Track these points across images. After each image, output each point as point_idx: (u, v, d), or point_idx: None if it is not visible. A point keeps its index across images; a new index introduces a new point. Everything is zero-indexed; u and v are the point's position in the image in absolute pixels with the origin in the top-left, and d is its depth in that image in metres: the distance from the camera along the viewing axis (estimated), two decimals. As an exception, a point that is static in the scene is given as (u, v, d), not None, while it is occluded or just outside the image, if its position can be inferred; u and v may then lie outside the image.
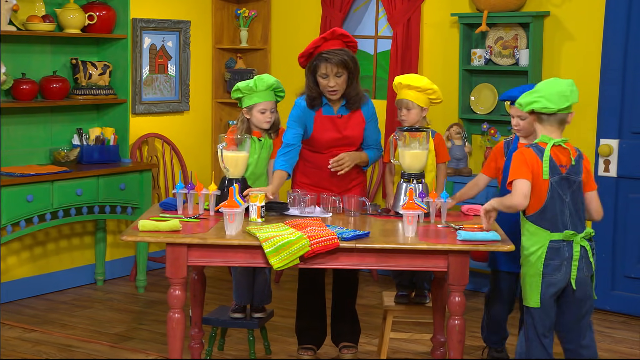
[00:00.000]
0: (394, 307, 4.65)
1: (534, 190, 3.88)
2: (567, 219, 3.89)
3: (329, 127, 4.64)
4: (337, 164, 4.61)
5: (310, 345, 4.85)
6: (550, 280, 3.90)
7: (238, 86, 4.66)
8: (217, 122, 7.23)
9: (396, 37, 6.47)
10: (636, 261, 5.75)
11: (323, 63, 4.51)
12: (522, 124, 4.45)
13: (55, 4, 6.06)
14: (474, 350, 5.10)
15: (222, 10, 7.20)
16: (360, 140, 4.73)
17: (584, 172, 3.95)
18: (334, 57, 4.50)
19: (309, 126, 4.65)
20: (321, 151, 4.69)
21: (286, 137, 4.60)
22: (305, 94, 4.66)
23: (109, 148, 6.14)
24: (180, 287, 3.96)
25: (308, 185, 4.67)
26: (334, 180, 4.68)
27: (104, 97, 6.18)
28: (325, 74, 4.52)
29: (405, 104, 4.62)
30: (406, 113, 4.61)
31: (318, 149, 4.69)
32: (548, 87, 3.94)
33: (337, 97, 4.61)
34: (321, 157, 4.69)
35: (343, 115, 4.65)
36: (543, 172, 3.87)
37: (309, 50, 4.58)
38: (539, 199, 3.89)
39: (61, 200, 5.71)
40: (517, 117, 4.46)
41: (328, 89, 4.56)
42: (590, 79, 5.86)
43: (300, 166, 4.72)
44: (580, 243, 3.89)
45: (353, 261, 3.94)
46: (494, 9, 6.02)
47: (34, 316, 5.64)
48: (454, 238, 3.96)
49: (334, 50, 4.52)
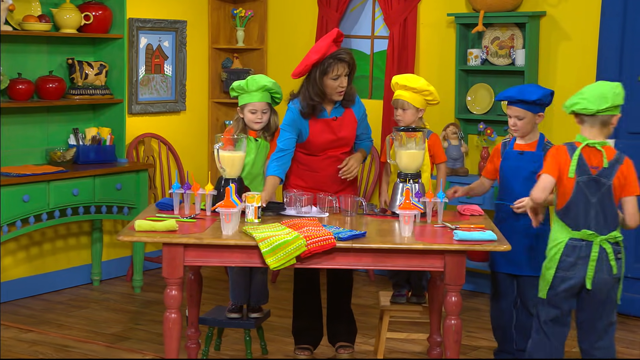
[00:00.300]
0: (390, 307, 4.66)
1: (559, 187, 3.95)
2: (590, 219, 3.92)
3: (325, 129, 4.64)
4: (347, 172, 4.63)
5: (307, 345, 4.85)
6: (563, 276, 3.95)
7: (233, 85, 4.70)
8: (214, 122, 7.22)
9: (392, 37, 6.47)
10: (634, 261, 5.75)
11: (338, 64, 4.49)
12: (520, 124, 4.46)
13: (52, 3, 6.05)
14: (470, 350, 5.11)
15: (219, 10, 7.20)
16: (353, 140, 4.73)
17: (620, 176, 3.94)
18: (346, 56, 4.53)
19: (304, 130, 4.63)
20: (316, 153, 4.69)
21: (280, 141, 4.59)
22: (299, 101, 4.61)
23: (105, 148, 6.14)
24: (176, 287, 3.96)
25: (303, 188, 4.67)
26: (328, 182, 4.68)
27: (100, 97, 6.18)
28: (338, 75, 4.51)
29: (400, 104, 4.62)
30: (402, 113, 4.63)
31: (313, 151, 4.68)
32: (591, 89, 3.99)
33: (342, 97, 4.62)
34: (316, 159, 4.69)
35: (337, 117, 4.65)
36: (569, 170, 3.91)
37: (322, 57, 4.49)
38: (564, 197, 3.95)
39: (57, 201, 5.71)
40: (514, 117, 4.46)
41: (339, 89, 4.56)
42: (586, 79, 5.86)
43: (294, 169, 4.71)
44: (601, 244, 3.92)
45: (349, 261, 3.94)
46: (490, 9, 6.02)
47: (31, 316, 5.64)
48: (450, 238, 3.96)
49: (342, 50, 4.56)
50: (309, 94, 4.56)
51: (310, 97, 4.55)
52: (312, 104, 4.57)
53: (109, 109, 6.31)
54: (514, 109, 4.46)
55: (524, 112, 4.44)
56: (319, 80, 4.52)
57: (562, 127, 5.98)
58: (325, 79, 4.52)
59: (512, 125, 4.48)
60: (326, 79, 4.52)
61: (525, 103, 4.43)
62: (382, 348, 4.69)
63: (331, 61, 4.49)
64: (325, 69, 4.49)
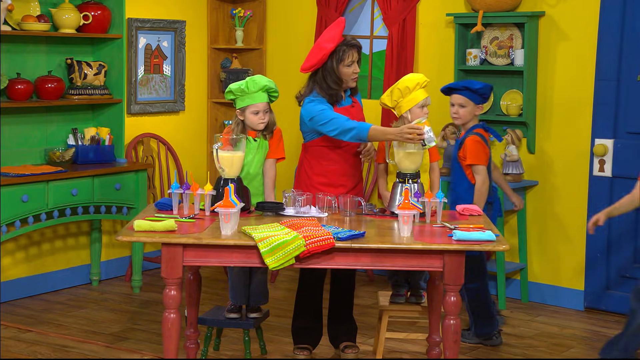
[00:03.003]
0: (389, 307, 4.66)
1: None
2: None
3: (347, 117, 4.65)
4: (367, 153, 4.75)
5: (306, 345, 4.85)
6: None
7: (230, 88, 4.65)
8: (213, 122, 7.22)
9: (392, 37, 6.47)
10: (631, 261, 5.76)
11: (351, 50, 4.63)
12: (461, 112, 4.88)
13: (50, 3, 6.05)
14: (469, 350, 5.11)
15: (218, 10, 7.20)
16: None
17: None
18: (356, 41, 4.67)
19: None
20: (340, 145, 4.71)
21: (330, 113, 4.57)
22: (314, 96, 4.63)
23: (104, 148, 6.14)
24: (175, 287, 3.96)
25: (326, 186, 4.67)
26: (350, 171, 4.73)
27: (99, 97, 6.18)
28: (352, 61, 4.63)
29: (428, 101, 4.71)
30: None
31: (338, 142, 4.70)
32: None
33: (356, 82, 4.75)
34: (340, 151, 4.72)
35: (354, 104, 4.76)
36: None
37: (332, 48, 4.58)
38: None
39: (56, 201, 5.71)
40: (457, 105, 4.94)
41: (353, 75, 4.67)
42: (585, 79, 5.87)
43: (315, 168, 4.72)
44: None
45: (349, 261, 3.94)
46: (489, 9, 6.02)
47: (29, 316, 5.63)
48: (449, 238, 3.96)
49: (348, 36, 4.70)
50: (326, 84, 4.64)
51: (329, 87, 4.64)
52: (331, 93, 4.65)
53: (108, 109, 6.31)
54: (457, 97, 4.97)
55: (467, 100, 4.95)
56: (336, 69, 4.62)
57: (560, 126, 5.98)
58: (341, 66, 4.62)
59: (454, 113, 4.95)
60: (342, 66, 4.62)
61: (469, 90, 4.91)
62: (381, 348, 4.69)
63: (345, 48, 4.62)
64: (340, 56, 4.61)
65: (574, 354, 5.12)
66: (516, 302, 6.09)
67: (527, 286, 6.11)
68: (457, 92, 5.01)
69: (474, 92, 4.96)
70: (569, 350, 5.18)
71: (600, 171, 5.80)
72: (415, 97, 4.59)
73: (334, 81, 4.62)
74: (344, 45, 4.61)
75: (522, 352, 5.12)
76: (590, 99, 5.85)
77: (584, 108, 5.88)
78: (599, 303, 5.88)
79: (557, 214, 6.02)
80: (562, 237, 6.01)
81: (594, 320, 5.74)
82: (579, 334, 5.48)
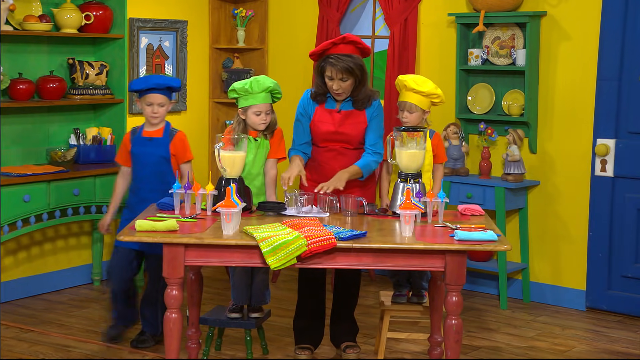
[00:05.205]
0: (391, 306, 4.66)
1: None
2: None
3: (327, 119, 4.68)
4: (321, 188, 4.50)
5: (308, 345, 4.85)
6: None
7: (234, 86, 4.66)
8: (214, 122, 7.22)
9: (393, 37, 6.47)
10: (633, 261, 5.76)
11: (329, 66, 4.59)
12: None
13: (52, 3, 6.06)
14: (470, 350, 5.11)
15: (219, 10, 7.20)
16: (357, 140, 4.73)
17: None
18: (339, 63, 4.55)
19: (310, 113, 4.74)
20: (317, 144, 4.72)
21: (297, 136, 4.74)
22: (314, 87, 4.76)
23: (105, 148, 6.14)
24: (177, 287, 3.96)
25: (316, 182, 4.67)
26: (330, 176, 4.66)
27: (100, 97, 6.18)
28: (331, 77, 4.59)
29: (408, 107, 4.66)
30: (408, 115, 4.69)
31: (315, 141, 4.74)
32: None
33: (343, 98, 4.68)
34: (318, 150, 4.74)
35: (342, 111, 4.69)
36: None
37: (319, 51, 4.65)
38: None
39: (58, 200, 5.71)
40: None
41: (333, 90, 4.64)
42: (587, 79, 5.87)
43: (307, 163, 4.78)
44: None
45: (350, 261, 3.94)
46: (490, 9, 6.02)
47: (31, 316, 5.64)
48: (451, 238, 3.96)
49: (341, 56, 4.56)
50: (316, 82, 4.72)
51: (317, 85, 4.71)
52: (317, 92, 4.71)
53: (109, 109, 6.31)
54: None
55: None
56: (319, 76, 4.66)
57: (562, 126, 5.98)
58: (324, 75, 4.63)
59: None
60: (325, 76, 4.62)
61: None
62: (382, 348, 4.69)
63: (325, 62, 4.60)
64: (321, 67, 4.63)
65: (575, 354, 5.12)
66: (518, 302, 6.09)
67: (528, 286, 6.11)
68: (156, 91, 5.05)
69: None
70: (570, 351, 5.18)
71: (602, 171, 5.80)
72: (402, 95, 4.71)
73: (318, 84, 4.69)
74: (327, 58, 4.58)
75: (523, 352, 5.12)
76: (592, 98, 5.84)
77: (585, 108, 5.87)
78: (600, 303, 5.87)
79: (558, 214, 6.02)
80: (564, 237, 6.01)
81: (596, 320, 5.74)
82: (581, 334, 5.48)
